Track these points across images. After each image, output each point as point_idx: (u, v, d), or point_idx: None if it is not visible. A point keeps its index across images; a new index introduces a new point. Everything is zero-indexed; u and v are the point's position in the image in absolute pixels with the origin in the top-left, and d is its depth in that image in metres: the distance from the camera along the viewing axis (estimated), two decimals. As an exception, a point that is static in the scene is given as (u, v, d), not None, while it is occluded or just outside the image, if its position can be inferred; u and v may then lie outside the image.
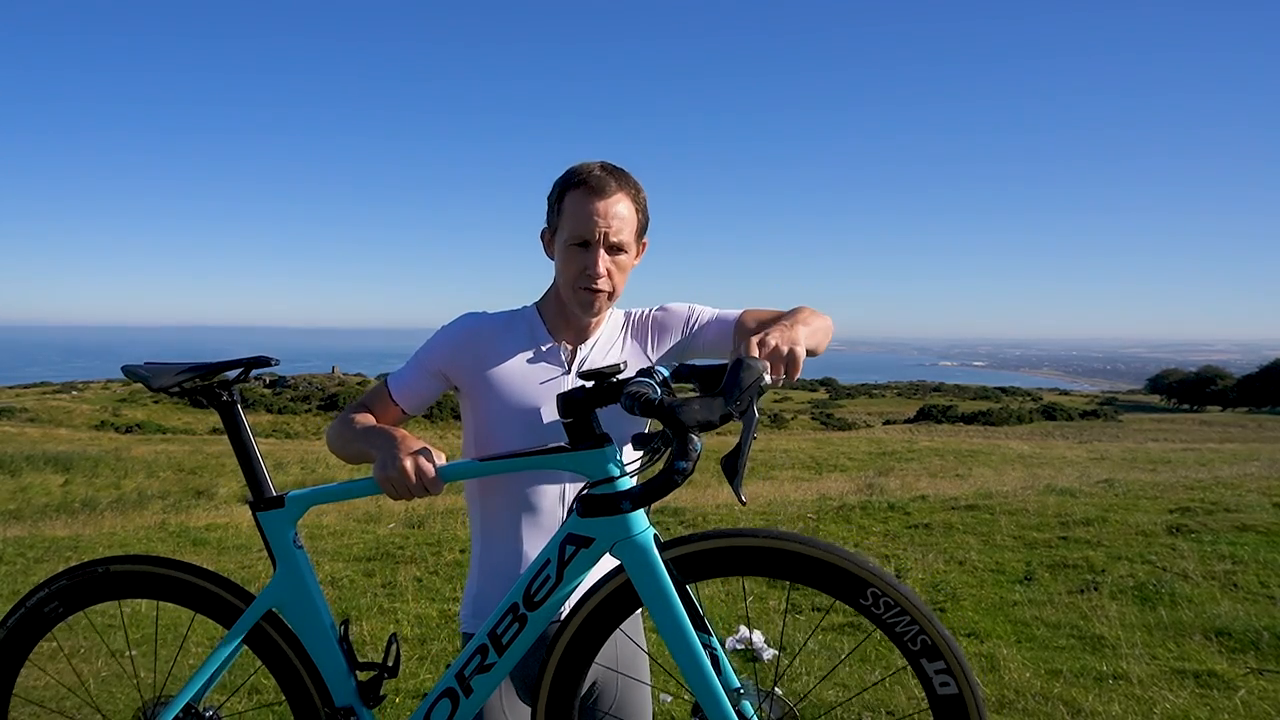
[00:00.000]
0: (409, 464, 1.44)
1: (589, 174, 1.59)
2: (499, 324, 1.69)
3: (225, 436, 1.61)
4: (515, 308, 1.76)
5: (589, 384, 1.40)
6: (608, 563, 1.52)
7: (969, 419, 55.82)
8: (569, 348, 1.69)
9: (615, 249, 1.60)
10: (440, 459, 1.47)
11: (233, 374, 1.62)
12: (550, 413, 1.61)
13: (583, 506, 1.40)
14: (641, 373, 1.37)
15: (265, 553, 1.64)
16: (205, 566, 1.68)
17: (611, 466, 1.41)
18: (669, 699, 3.44)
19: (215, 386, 1.62)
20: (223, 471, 22.82)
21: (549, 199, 1.66)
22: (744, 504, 1.28)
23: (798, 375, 1.31)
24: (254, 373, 1.62)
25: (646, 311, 1.76)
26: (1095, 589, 4.99)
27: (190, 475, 22.92)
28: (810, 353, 1.45)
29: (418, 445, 1.48)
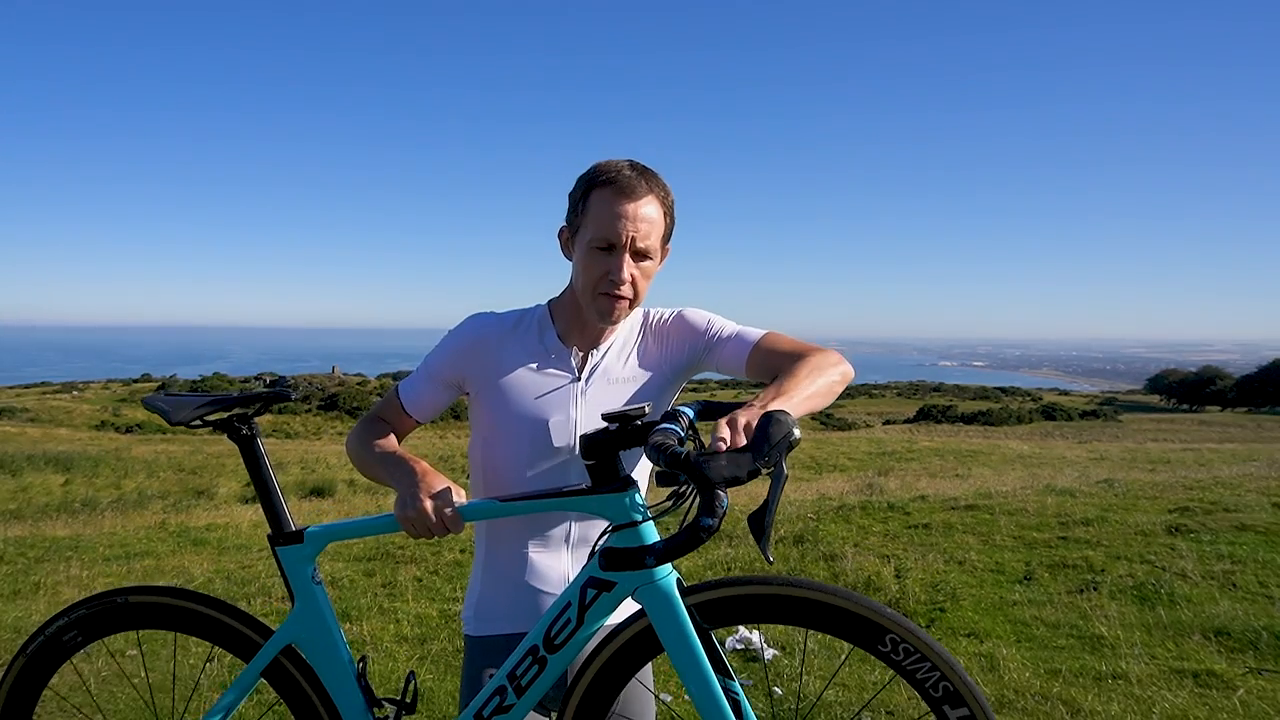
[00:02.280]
0: (430, 505, 1.42)
1: (618, 173, 1.52)
2: (506, 326, 1.64)
3: (225, 436, 1.60)
4: (525, 307, 1.70)
5: (612, 426, 1.37)
6: (629, 605, 1.49)
7: (969, 419, 55.85)
8: (580, 353, 1.63)
9: (641, 255, 1.53)
10: (461, 497, 1.46)
11: (251, 407, 1.62)
12: (559, 422, 1.58)
13: (605, 560, 1.38)
14: (666, 416, 1.35)
15: (265, 553, 1.65)
16: (223, 599, 1.67)
17: (635, 511, 1.39)
18: (669, 698, 3.45)
19: (234, 420, 1.61)
20: (223, 471, 22.83)
21: (571, 196, 1.58)
22: (770, 563, 1.26)
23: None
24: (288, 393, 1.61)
25: (665, 315, 1.69)
26: (1094, 589, 5.00)
27: (190, 475, 22.93)
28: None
29: (440, 484, 1.45)
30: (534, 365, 1.61)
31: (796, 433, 1.19)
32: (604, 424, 1.38)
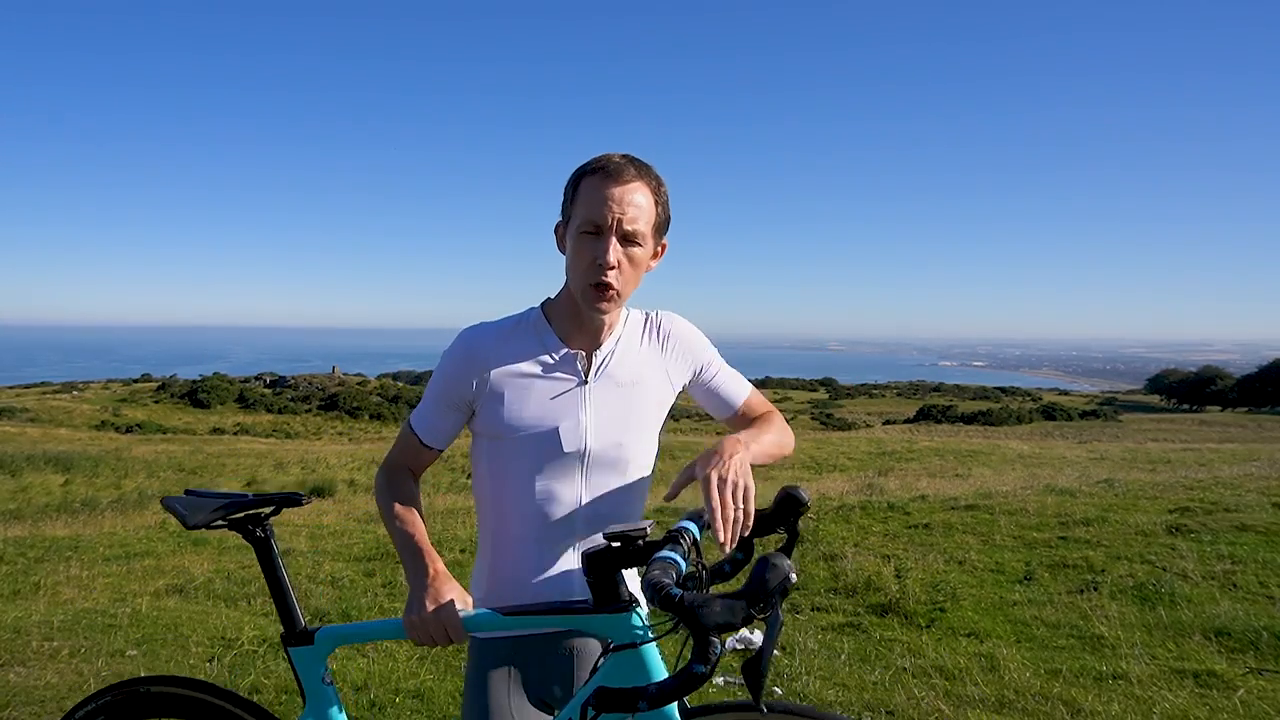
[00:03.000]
0: (434, 615, 1.43)
1: (607, 160, 1.50)
2: (502, 334, 1.58)
3: (224, 436, 1.62)
4: (518, 312, 1.65)
5: (614, 544, 1.34)
6: None
7: (969, 419, 55.89)
8: (584, 355, 1.58)
9: (629, 239, 1.49)
10: (466, 607, 1.47)
11: (265, 509, 1.68)
12: (569, 427, 1.54)
13: (598, 700, 1.32)
14: (668, 538, 1.33)
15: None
16: (239, 693, 1.71)
17: (636, 631, 1.38)
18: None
19: (248, 522, 1.66)
20: (223, 471, 22.85)
21: (565, 190, 1.55)
22: (764, 713, 1.24)
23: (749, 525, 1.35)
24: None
25: (671, 323, 1.67)
26: (1095, 589, 4.99)
27: (191, 475, 22.95)
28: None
29: (448, 594, 1.45)
30: (537, 370, 1.56)
31: (793, 576, 1.18)
32: (605, 542, 1.36)
